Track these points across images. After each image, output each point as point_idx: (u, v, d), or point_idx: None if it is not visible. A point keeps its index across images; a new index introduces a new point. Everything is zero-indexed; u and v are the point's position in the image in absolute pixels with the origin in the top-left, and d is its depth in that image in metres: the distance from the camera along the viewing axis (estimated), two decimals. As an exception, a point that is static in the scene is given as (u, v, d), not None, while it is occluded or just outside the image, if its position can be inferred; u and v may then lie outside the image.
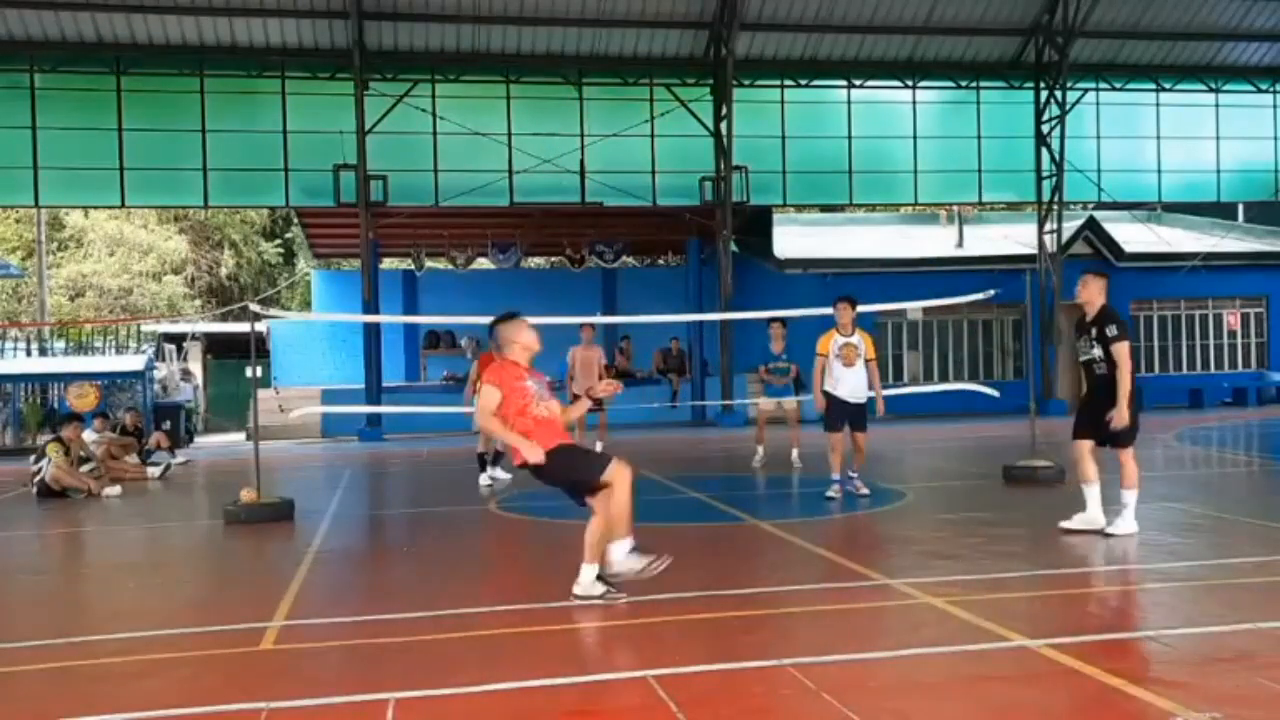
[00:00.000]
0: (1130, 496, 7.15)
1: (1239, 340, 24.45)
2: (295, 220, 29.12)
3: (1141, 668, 4.19)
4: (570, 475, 5.53)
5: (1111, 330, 7.13)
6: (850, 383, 9.16)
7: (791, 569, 6.54)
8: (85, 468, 11.88)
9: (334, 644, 5.01)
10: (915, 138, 23.01)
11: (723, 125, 21.08)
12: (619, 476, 5.41)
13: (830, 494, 9.11)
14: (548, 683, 4.17)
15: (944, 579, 5.89)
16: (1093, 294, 7.28)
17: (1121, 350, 7.08)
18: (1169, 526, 7.60)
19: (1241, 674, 4.07)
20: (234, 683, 4.35)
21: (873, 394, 9.27)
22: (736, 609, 5.41)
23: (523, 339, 5.67)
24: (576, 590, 5.48)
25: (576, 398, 6.32)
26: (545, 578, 6.40)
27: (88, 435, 12.78)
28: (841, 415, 9.19)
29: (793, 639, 4.91)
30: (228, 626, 5.30)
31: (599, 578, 5.46)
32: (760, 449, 12.23)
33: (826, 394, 9.25)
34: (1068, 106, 21.91)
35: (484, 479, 11.29)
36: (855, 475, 9.40)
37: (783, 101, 22.45)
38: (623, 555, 5.45)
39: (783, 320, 12.18)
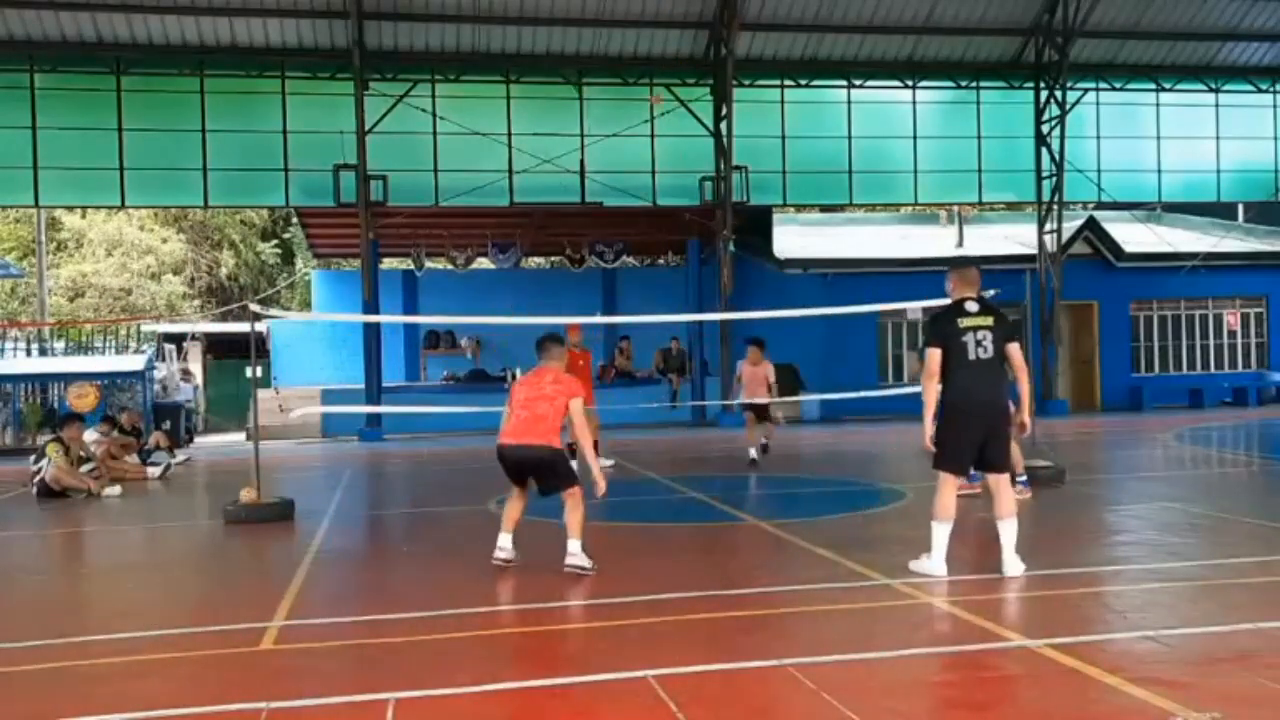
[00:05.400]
0: (934, 529, 5.94)
1: (1239, 340, 24.45)
2: (295, 220, 29.09)
3: (1141, 668, 4.18)
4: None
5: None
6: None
7: (791, 569, 6.54)
8: (85, 468, 11.86)
9: (334, 644, 5.01)
10: (915, 138, 22.98)
11: (723, 125, 21.07)
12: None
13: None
14: (548, 683, 4.18)
15: (944, 579, 5.88)
16: (946, 288, 6.38)
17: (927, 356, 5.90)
18: (1169, 526, 7.60)
19: (1241, 674, 4.07)
20: (234, 683, 4.35)
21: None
22: (736, 609, 5.41)
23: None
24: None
25: (746, 407, 7.76)
26: (545, 578, 6.41)
27: (88, 435, 12.76)
28: None
29: (793, 639, 4.91)
30: (228, 626, 5.30)
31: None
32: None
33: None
34: (1068, 106, 21.89)
35: None
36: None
37: (783, 101, 22.42)
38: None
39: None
